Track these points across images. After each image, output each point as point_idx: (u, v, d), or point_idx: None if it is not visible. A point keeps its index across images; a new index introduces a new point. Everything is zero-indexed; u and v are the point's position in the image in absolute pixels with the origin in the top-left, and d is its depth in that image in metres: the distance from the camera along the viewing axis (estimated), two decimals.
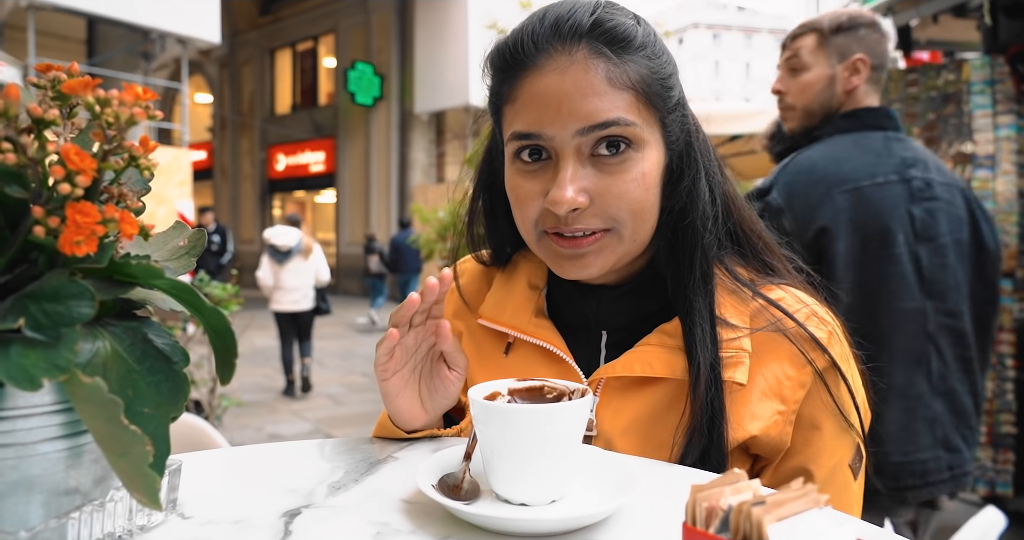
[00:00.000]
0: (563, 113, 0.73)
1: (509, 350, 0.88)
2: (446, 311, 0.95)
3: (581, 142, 0.74)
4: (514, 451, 0.60)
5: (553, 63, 0.74)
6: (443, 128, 16.03)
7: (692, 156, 0.81)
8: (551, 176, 0.76)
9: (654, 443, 0.78)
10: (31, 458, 0.47)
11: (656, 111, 0.77)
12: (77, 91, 0.46)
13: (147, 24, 9.52)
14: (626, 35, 0.75)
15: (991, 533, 0.31)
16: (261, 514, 0.59)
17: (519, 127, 0.77)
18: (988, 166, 3.29)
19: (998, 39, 3.53)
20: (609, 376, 0.80)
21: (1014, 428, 3.22)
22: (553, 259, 0.80)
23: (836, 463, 0.79)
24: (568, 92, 0.73)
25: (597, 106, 0.73)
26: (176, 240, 0.61)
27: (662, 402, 0.79)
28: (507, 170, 0.81)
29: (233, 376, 0.52)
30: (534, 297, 0.89)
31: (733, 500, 0.40)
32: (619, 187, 0.75)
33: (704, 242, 0.79)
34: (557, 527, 0.55)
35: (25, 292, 0.44)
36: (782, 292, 0.82)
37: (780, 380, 0.78)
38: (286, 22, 18.69)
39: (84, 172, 0.44)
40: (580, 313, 0.86)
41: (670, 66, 0.79)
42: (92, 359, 0.46)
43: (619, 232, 0.77)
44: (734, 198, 0.85)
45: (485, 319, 0.89)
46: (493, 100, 0.83)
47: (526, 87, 0.76)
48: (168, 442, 0.47)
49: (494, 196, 0.91)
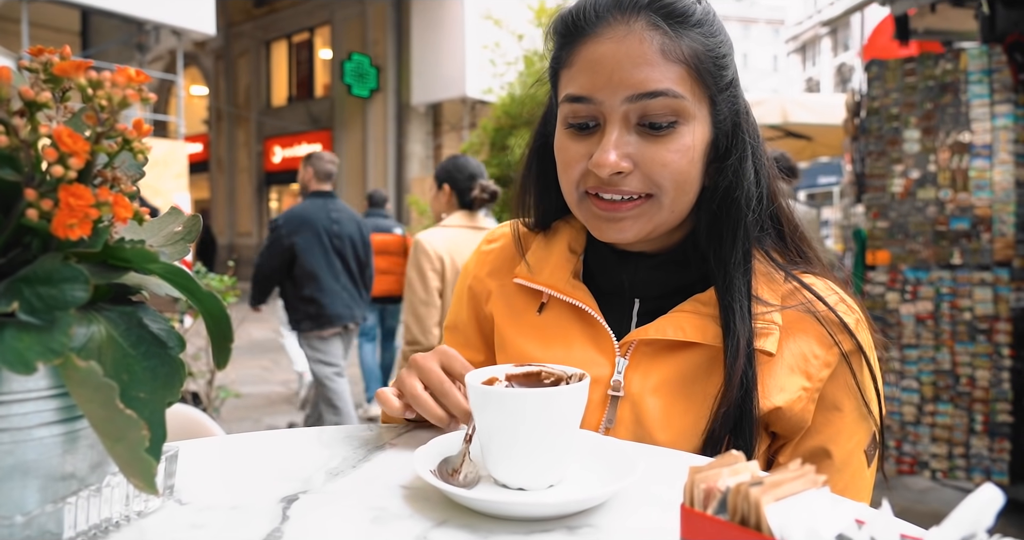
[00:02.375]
0: (614, 80, 0.76)
1: (543, 309, 0.90)
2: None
3: (629, 109, 0.76)
4: (512, 436, 0.59)
5: (611, 32, 0.77)
6: (440, 120, 15.98)
7: (740, 137, 0.83)
8: (597, 140, 0.79)
9: (680, 407, 0.79)
10: (27, 443, 0.47)
11: (707, 88, 0.79)
12: (69, 73, 0.45)
13: (142, 15, 9.47)
14: (684, 11, 0.78)
15: (989, 510, 0.31)
16: (259, 500, 0.59)
17: (572, 90, 0.79)
18: (985, 156, 3.29)
19: (995, 28, 3.53)
20: (641, 339, 0.82)
21: (1010, 417, 3.23)
22: (592, 220, 0.82)
23: (854, 446, 0.81)
24: (621, 60, 0.76)
25: (648, 75, 0.75)
26: (171, 226, 0.61)
27: (692, 367, 0.80)
28: (558, 133, 0.84)
29: (229, 360, 0.52)
30: (573, 260, 0.90)
31: (731, 481, 0.40)
32: (662, 156, 0.77)
33: (747, 221, 0.81)
34: (555, 511, 0.55)
35: (19, 276, 0.44)
36: (814, 279, 0.85)
37: (807, 357, 0.80)
38: (282, 13, 18.58)
39: (77, 154, 0.43)
40: (616, 279, 0.88)
41: (725, 46, 0.81)
42: (87, 343, 0.46)
43: (659, 199, 0.79)
44: (775, 184, 0.87)
45: (522, 277, 0.91)
46: (552, 64, 0.86)
47: (583, 53, 0.79)
48: (164, 427, 0.47)
49: (546, 160, 0.93)
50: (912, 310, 3.42)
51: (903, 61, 3.51)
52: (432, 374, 0.74)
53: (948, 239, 3.36)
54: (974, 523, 0.33)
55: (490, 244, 1.01)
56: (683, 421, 0.79)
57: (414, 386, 0.74)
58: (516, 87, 6.73)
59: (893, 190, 3.48)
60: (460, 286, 1.02)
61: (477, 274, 0.99)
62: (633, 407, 0.80)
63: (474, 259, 1.01)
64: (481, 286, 0.97)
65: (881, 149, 3.53)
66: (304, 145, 18.04)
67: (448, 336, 1.02)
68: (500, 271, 0.96)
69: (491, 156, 6.64)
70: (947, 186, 3.36)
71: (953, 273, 3.35)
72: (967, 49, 3.38)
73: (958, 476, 3.32)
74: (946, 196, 3.36)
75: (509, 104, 6.59)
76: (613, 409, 0.81)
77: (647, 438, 0.79)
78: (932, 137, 3.40)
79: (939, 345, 3.37)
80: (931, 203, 3.40)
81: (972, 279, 3.31)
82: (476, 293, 0.98)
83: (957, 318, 3.33)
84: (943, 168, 3.37)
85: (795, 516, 0.37)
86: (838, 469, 0.80)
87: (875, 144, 3.55)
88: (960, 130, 3.34)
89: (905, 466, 3.44)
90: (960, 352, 3.33)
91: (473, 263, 1.01)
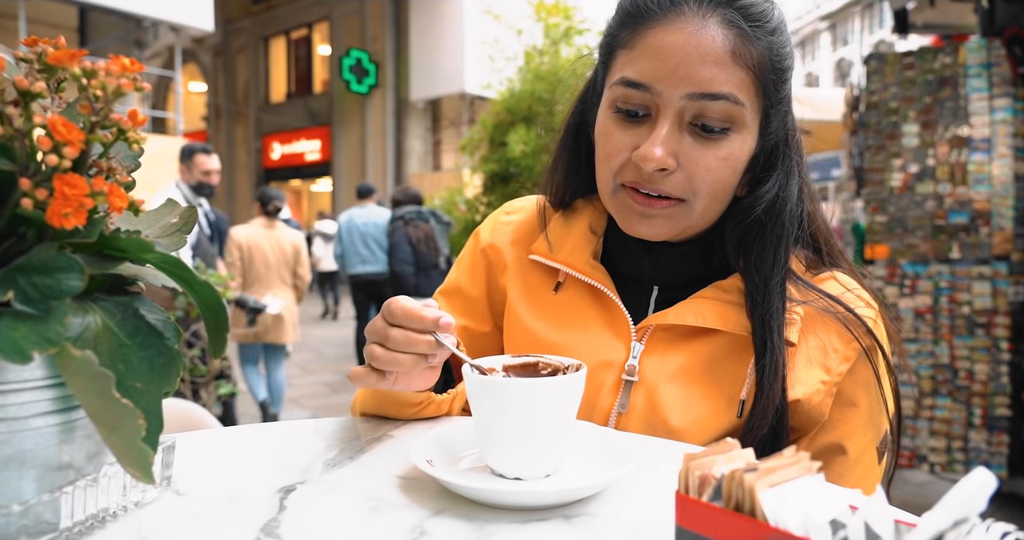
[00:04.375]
0: (678, 73, 0.72)
1: (559, 288, 0.88)
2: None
3: (685, 106, 0.73)
4: (509, 426, 0.60)
5: (683, 21, 0.73)
6: (439, 115, 15.96)
7: (788, 154, 0.81)
8: (645, 132, 0.75)
9: (698, 393, 0.78)
10: (23, 433, 0.47)
11: (764, 99, 0.76)
12: (63, 62, 0.45)
13: (140, 12, 9.44)
14: (763, 15, 0.74)
15: (981, 493, 0.31)
16: (256, 490, 0.59)
17: (629, 74, 0.75)
18: (984, 149, 3.29)
19: (995, 22, 3.53)
20: (659, 324, 0.80)
21: (1008, 411, 3.24)
22: (624, 213, 0.80)
23: (867, 443, 0.80)
24: (690, 54, 0.72)
25: (714, 75, 0.72)
26: (168, 217, 0.61)
27: (711, 355, 0.79)
28: (602, 114, 0.80)
29: (224, 350, 0.52)
30: (593, 241, 0.88)
31: (726, 468, 0.40)
32: (708, 161, 0.75)
33: (789, 240, 0.80)
34: (551, 500, 0.55)
35: (14, 265, 0.44)
36: (837, 272, 0.84)
37: (827, 351, 0.79)
38: (280, 9, 18.54)
39: (71, 143, 0.43)
40: (637, 266, 0.86)
41: (791, 59, 0.78)
42: (83, 333, 0.46)
43: (691, 205, 0.77)
44: (816, 202, 0.86)
45: (539, 254, 0.89)
46: (607, 41, 0.81)
47: (649, 37, 0.74)
48: (161, 417, 0.47)
49: (580, 135, 0.90)
50: (911, 304, 3.43)
51: (902, 55, 3.50)
52: (383, 332, 0.68)
53: (947, 233, 3.36)
54: (967, 507, 0.33)
55: (509, 216, 0.97)
56: (701, 408, 0.77)
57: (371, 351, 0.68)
58: (516, 83, 6.71)
59: (892, 184, 3.48)
60: (470, 253, 0.96)
61: (493, 243, 0.94)
62: (647, 393, 0.79)
63: (489, 227, 0.97)
64: (498, 257, 0.93)
65: (880, 143, 3.53)
66: (303, 141, 18.03)
67: (446, 300, 0.95)
68: (519, 244, 0.93)
69: (490, 152, 6.63)
70: (946, 180, 3.36)
71: (952, 267, 3.35)
72: (966, 43, 3.38)
73: (957, 469, 3.33)
74: (945, 190, 3.36)
75: (509, 100, 6.57)
76: (627, 394, 0.80)
77: (660, 425, 0.77)
78: (931, 131, 3.40)
79: (938, 339, 3.37)
80: (930, 197, 3.40)
81: (971, 273, 3.31)
82: (492, 262, 0.94)
83: (956, 312, 3.34)
84: (942, 162, 3.37)
85: (789, 502, 0.37)
86: (851, 466, 0.79)
87: (874, 138, 3.55)
88: (959, 124, 3.34)
89: (904, 460, 3.45)
90: (959, 346, 3.33)
91: (488, 231, 0.96)
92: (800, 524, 0.36)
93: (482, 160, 6.72)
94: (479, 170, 6.80)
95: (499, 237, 0.94)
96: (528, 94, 6.43)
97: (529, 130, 6.17)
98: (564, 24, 6.78)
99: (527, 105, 6.41)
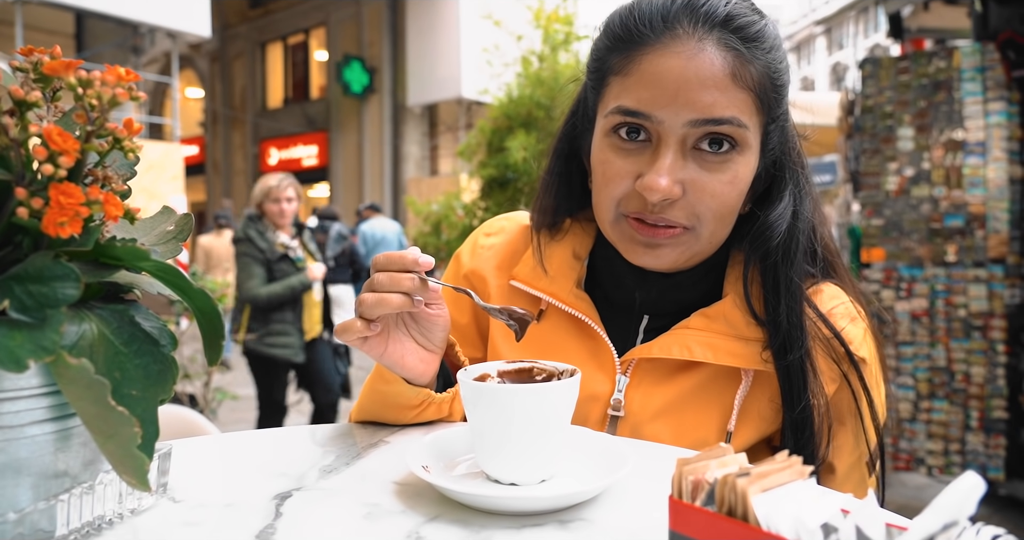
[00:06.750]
0: (679, 100, 0.70)
1: (541, 317, 0.85)
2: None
3: (688, 133, 0.71)
4: (504, 431, 0.60)
5: (680, 46, 0.71)
6: (436, 121, 15.98)
7: (791, 168, 0.79)
8: (648, 160, 0.73)
9: (688, 426, 0.77)
10: (19, 441, 0.47)
11: (764, 116, 0.75)
12: (59, 72, 0.45)
13: (136, 18, 9.46)
14: (759, 34, 0.72)
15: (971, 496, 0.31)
16: (252, 497, 0.59)
17: (627, 103, 0.73)
18: (979, 153, 3.30)
19: (988, 26, 3.54)
20: (643, 357, 0.78)
21: (1005, 413, 3.24)
22: (627, 243, 0.77)
23: (856, 459, 0.79)
24: (690, 80, 0.70)
25: (716, 100, 0.70)
26: (163, 225, 0.61)
27: (698, 387, 0.77)
28: (598, 142, 0.77)
29: (220, 357, 0.52)
30: (577, 267, 0.85)
31: (719, 473, 0.41)
32: (714, 186, 0.73)
33: (799, 256, 0.78)
34: (547, 505, 0.56)
35: (9, 274, 0.44)
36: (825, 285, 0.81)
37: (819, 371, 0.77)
38: (277, 15, 18.56)
39: (67, 153, 0.44)
40: (627, 295, 0.84)
41: (787, 74, 0.76)
42: (78, 341, 0.46)
43: (698, 232, 0.75)
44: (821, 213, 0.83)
45: (521, 282, 0.86)
46: (598, 65, 0.78)
47: (644, 64, 0.72)
48: (156, 424, 0.47)
49: (571, 163, 0.87)
50: (907, 307, 3.43)
51: (897, 59, 3.52)
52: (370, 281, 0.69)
53: (942, 236, 3.37)
54: (956, 510, 0.34)
55: (489, 238, 0.94)
56: (691, 441, 0.76)
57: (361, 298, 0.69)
58: (514, 88, 6.71)
59: (887, 188, 3.49)
60: (453, 280, 0.93)
61: (475, 269, 0.91)
62: (634, 430, 0.77)
63: (469, 250, 0.94)
64: (482, 284, 0.90)
65: (875, 147, 3.54)
66: (300, 146, 18.03)
67: None
68: (502, 269, 0.90)
69: (488, 157, 6.63)
70: (941, 183, 3.37)
71: (948, 270, 3.36)
72: (960, 47, 3.40)
73: (954, 472, 3.33)
74: (940, 193, 3.37)
75: (507, 105, 6.58)
76: (613, 429, 0.79)
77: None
78: (926, 135, 3.41)
79: (934, 342, 3.38)
80: (925, 201, 3.41)
81: (967, 276, 3.32)
82: (476, 289, 0.90)
83: (952, 315, 3.34)
84: (937, 166, 3.38)
85: (781, 506, 0.37)
86: (840, 483, 0.79)
87: (869, 142, 3.56)
88: (954, 128, 3.35)
89: (901, 463, 3.45)
90: (955, 349, 3.34)
91: (468, 255, 0.93)
92: (792, 528, 0.36)
93: (480, 165, 6.72)
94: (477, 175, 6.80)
95: (481, 262, 0.92)
96: (527, 99, 6.43)
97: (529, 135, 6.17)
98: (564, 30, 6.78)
99: (526, 110, 6.41)
